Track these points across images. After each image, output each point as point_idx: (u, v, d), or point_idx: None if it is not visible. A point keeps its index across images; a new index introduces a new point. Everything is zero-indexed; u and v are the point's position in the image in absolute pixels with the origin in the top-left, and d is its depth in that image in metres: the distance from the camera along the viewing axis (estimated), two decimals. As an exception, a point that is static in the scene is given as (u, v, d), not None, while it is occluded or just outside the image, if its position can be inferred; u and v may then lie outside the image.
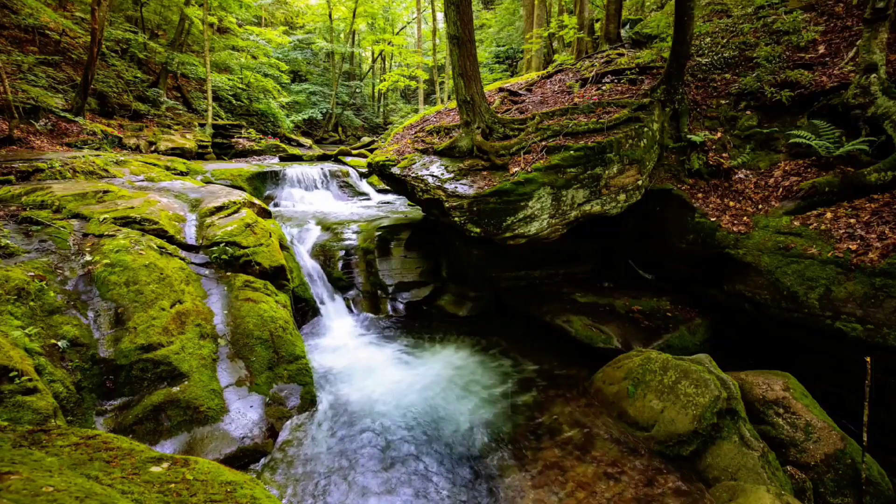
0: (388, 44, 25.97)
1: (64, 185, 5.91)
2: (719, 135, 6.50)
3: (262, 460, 3.85)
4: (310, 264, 7.09)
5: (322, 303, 6.73)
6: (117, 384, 3.81)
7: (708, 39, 7.90)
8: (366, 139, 20.86)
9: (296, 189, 11.41)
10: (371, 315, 6.98)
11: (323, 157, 15.47)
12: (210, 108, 15.21)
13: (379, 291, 7.23)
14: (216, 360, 4.34)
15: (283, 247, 6.44)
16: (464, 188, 5.75)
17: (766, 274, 4.99)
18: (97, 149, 10.25)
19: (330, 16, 25.59)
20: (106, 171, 7.84)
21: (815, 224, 4.94)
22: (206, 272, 5.19)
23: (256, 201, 6.99)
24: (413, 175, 6.49)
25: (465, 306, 7.14)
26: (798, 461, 3.71)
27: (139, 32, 15.42)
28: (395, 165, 7.03)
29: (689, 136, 6.40)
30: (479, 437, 4.22)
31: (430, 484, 3.66)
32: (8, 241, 4.29)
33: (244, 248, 5.47)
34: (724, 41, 7.61)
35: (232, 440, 3.84)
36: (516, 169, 5.68)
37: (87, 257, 4.44)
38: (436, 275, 7.65)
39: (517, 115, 6.99)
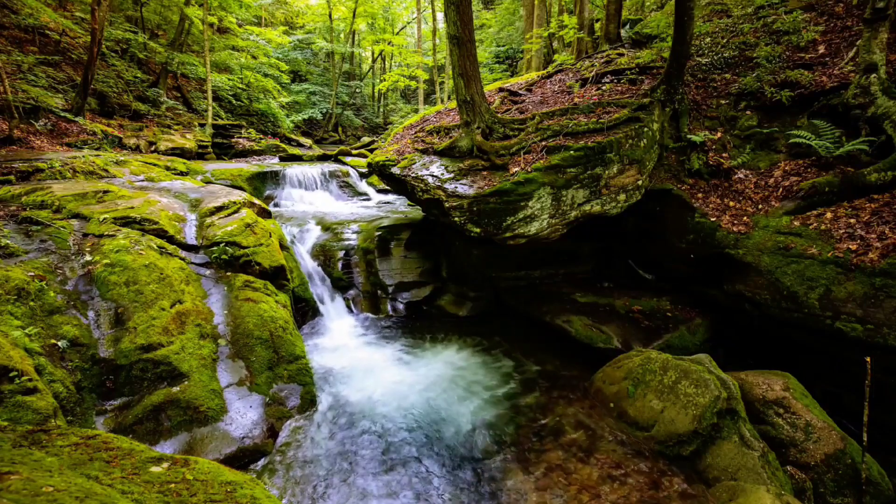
0: (388, 44, 25.97)
1: (64, 185, 5.91)
2: (719, 135, 6.50)
3: (262, 460, 3.85)
4: (310, 264, 7.09)
5: (322, 303, 6.73)
6: (117, 384, 3.81)
7: (708, 39, 7.90)
8: (366, 139, 20.86)
9: (296, 189, 11.40)
10: (371, 315, 6.98)
11: (323, 157, 15.46)
12: (210, 108, 15.21)
13: (379, 291, 7.23)
14: (216, 360, 4.34)
15: (283, 247, 6.44)
16: (464, 188, 5.75)
17: (766, 274, 4.99)
18: (97, 149, 10.25)
19: (330, 16, 25.60)
20: (106, 171, 7.84)
21: (815, 224, 4.94)
22: (206, 272, 5.19)
23: (256, 201, 6.99)
24: (413, 175, 6.49)
25: (465, 306, 7.14)
26: (798, 461, 3.71)
27: (139, 32, 15.42)
28: (395, 165, 7.03)
29: (689, 136, 6.40)
30: (478, 436, 4.22)
31: (427, 482, 3.66)
32: (8, 241, 4.29)
33: (244, 248, 5.47)
34: (724, 41, 7.60)
35: (232, 440, 3.84)
36: (516, 169, 5.68)
37: (87, 257, 4.45)
38: (436, 275, 7.65)
39: (517, 115, 6.99)
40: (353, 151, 16.06)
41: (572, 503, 3.46)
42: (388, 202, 11.89)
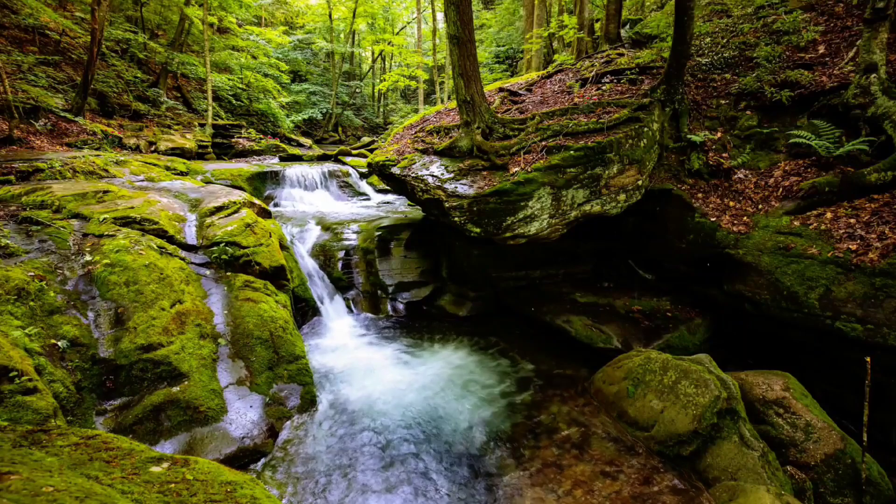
0: (388, 44, 25.97)
1: (64, 185, 5.91)
2: (719, 135, 6.50)
3: (262, 460, 3.85)
4: (310, 264, 7.09)
5: (322, 303, 6.73)
6: (117, 384, 3.81)
7: (708, 39, 7.90)
8: (366, 139, 20.85)
9: (296, 189, 11.41)
10: (371, 315, 6.98)
11: (323, 157, 15.46)
12: (210, 108, 15.21)
13: (379, 291, 7.23)
14: (216, 360, 4.34)
15: (283, 247, 6.44)
16: (464, 188, 5.75)
17: (766, 274, 4.99)
18: (97, 149, 10.25)
19: (330, 16, 25.59)
20: (106, 171, 7.84)
21: (815, 224, 4.94)
22: (206, 272, 5.19)
23: (256, 201, 6.99)
24: (413, 175, 6.49)
25: (465, 306, 7.14)
26: (798, 461, 3.71)
27: (139, 32, 15.42)
28: (395, 165, 7.03)
29: (689, 136, 6.40)
30: (478, 436, 4.22)
31: (428, 481, 3.66)
32: (8, 241, 4.29)
33: (244, 248, 5.47)
34: (724, 41, 7.60)
35: (232, 440, 3.84)
36: (516, 169, 5.68)
37: (87, 257, 4.44)
38: (436, 275, 7.65)
39: (517, 115, 6.99)
40: (353, 151, 16.06)
41: (567, 499, 3.46)
42: (388, 202, 11.89)
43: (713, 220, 5.70)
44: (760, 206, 5.57)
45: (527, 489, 3.59)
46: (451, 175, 6.04)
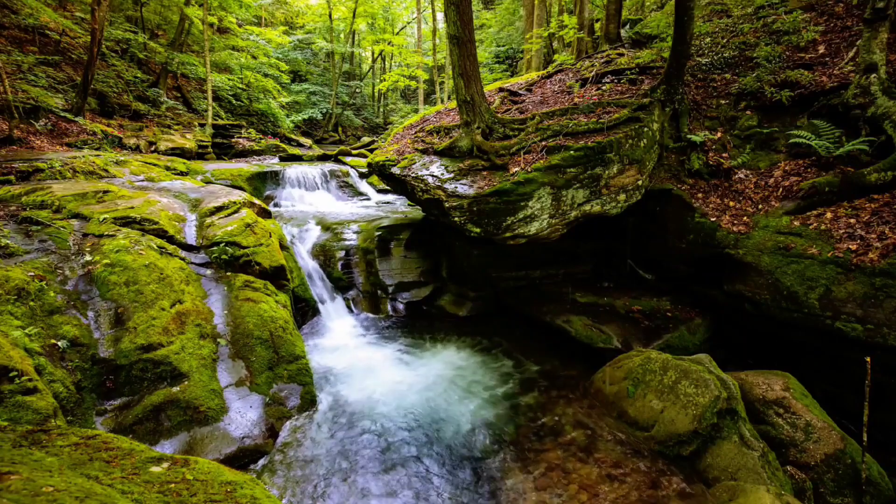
0: (388, 44, 25.96)
1: (64, 185, 5.91)
2: (719, 135, 6.49)
3: (262, 460, 3.85)
4: (310, 264, 7.09)
5: (322, 303, 6.73)
6: (117, 384, 3.81)
7: (708, 39, 7.90)
8: (366, 139, 20.85)
9: (296, 189, 11.40)
10: (371, 315, 6.98)
11: (323, 157, 15.46)
12: (210, 108, 15.20)
13: (379, 291, 7.23)
14: (216, 360, 4.34)
15: (283, 247, 6.44)
16: (464, 188, 5.75)
17: (766, 274, 4.99)
18: (97, 149, 10.24)
19: (330, 16, 25.58)
20: (106, 171, 7.84)
21: (815, 224, 4.94)
22: (206, 272, 5.19)
23: (256, 201, 6.98)
24: (413, 175, 6.49)
25: (466, 306, 7.14)
26: (798, 461, 3.71)
27: (139, 32, 15.42)
28: (395, 165, 7.03)
29: (689, 136, 6.40)
30: (479, 437, 4.22)
31: (428, 483, 3.66)
32: (8, 241, 4.29)
33: (244, 248, 5.47)
34: (724, 41, 7.60)
35: (232, 440, 3.84)
36: (516, 169, 5.68)
37: (87, 257, 4.44)
38: (436, 275, 7.65)
39: (517, 115, 6.99)
40: (353, 151, 16.05)
41: (571, 502, 3.46)
42: (388, 202, 11.89)
43: (713, 220, 5.70)
44: (760, 206, 5.57)
45: (529, 491, 3.59)
46: (451, 175, 6.04)
